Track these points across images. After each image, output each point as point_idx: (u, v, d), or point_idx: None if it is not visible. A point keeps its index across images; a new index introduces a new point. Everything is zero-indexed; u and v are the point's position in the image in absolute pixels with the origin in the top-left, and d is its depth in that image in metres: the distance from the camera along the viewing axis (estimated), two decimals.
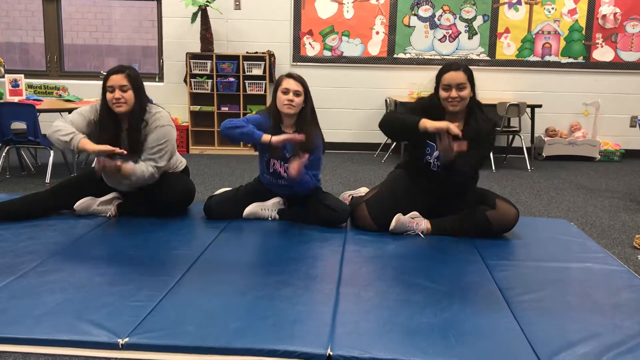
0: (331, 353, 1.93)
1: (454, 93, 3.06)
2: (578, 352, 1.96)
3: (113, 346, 1.96)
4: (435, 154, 3.18)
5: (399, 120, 3.17)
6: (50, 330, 2.03)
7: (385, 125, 3.24)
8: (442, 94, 3.10)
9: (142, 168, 3.22)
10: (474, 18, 6.44)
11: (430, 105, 3.19)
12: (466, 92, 3.08)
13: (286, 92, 3.24)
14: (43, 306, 2.21)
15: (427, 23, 6.47)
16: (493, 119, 3.28)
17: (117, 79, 3.16)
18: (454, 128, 2.91)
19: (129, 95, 3.18)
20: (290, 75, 3.30)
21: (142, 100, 3.25)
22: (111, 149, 3.10)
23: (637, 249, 3.24)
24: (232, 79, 6.33)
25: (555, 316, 2.24)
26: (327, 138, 3.47)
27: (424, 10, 6.44)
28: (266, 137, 3.19)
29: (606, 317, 2.25)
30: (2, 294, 2.32)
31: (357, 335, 2.05)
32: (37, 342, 1.98)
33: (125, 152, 3.16)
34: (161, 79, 6.71)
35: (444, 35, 6.50)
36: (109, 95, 3.17)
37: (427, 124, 2.97)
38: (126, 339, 1.98)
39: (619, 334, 2.10)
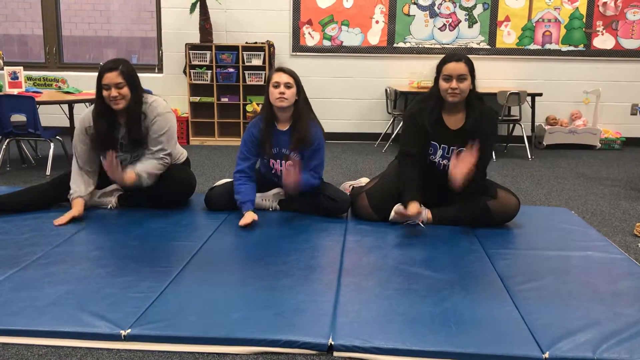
0: (332, 342, 1.94)
1: (454, 84, 3.05)
2: (579, 340, 1.96)
3: (115, 337, 1.97)
4: (440, 152, 3.18)
5: (402, 182, 3.17)
6: (52, 322, 2.04)
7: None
8: (442, 84, 3.09)
9: (152, 166, 3.24)
10: (474, 6, 6.41)
11: (431, 97, 3.19)
12: (466, 84, 3.07)
13: (277, 85, 3.21)
14: (45, 298, 2.22)
15: (427, 12, 6.44)
16: (494, 111, 3.26)
17: (112, 77, 3.14)
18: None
19: (125, 91, 3.17)
20: (280, 69, 3.28)
21: (138, 94, 3.24)
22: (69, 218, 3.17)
23: (637, 237, 3.25)
24: (231, 70, 6.31)
25: (556, 304, 2.25)
26: (327, 128, 3.46)
27: None
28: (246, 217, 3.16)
29: (607, 305, 2.26)
30: (4, 286, 2.33)
31: (359, 324, 2.06)
32: (40, 334, 1.99)
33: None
34: (160, 70, 6.69)
35: (444, 24, 6.47)
36: (105, 93, 3.16)
37: (408, 208, 3.04)
38: (128, 330, 1.98)
39: (620, 322, 2.11)
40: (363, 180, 3.80)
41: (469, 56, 3.17)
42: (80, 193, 3.26)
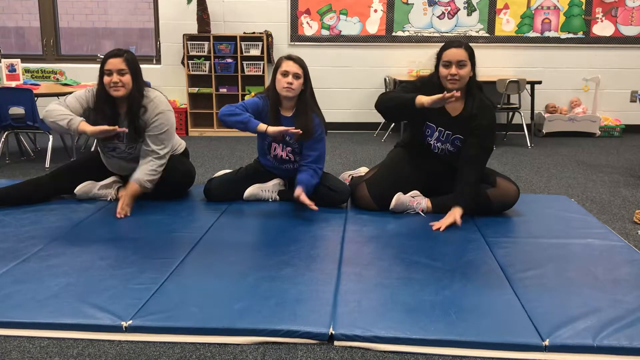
0: (333, 332, 1.94)
1: (453, 70, 3.03)
2: (578, 328, 1.97)
3: (117, 329, 1.98)
4: (436, 134, 3.17)
5: (395, 99, 3.14)
6: (54, 314, 2.05)
7: (381, 105, 3.21)
8: (442, 71, 3.08)
9: (151, 168, 3.24)
10: None
11: (430, 84, 3.17)
12: (466, 70, 3.05)
13: (285, 74, 3.19)
14: (46, 290, 2.22)
15: (426, 0, 6.41)
16: (492, 104, 3.25)
17: (115, 63, 3.13)
18: (449, 95, 2.90)
19: (127, 79, 3.15)
20: (289, 57, 3.25)
21: (139, 85, 3.23)
22: (110, 128, 3.07)
23: (637, 224, 3.25)
24: (229, 60, 6.29)
25: (556, 292, 2.25)
26: (327, 118, 3.44)
27: None
28: (262, 127, 3.12)
29: (607, 292, 2.26)
30: (5, 278, 2.33)
31: (359, 314, 2.06)
32: (41, 326, 2.00)
33: (125, 130, 3.17)
34: (158, 61, 6.67)
35: (443, 12, 6.44)
36: (106, 79, 3.15)
37: (423, 99, 2.97)
38: (130, 322, 1.99)
39: (620, 309, 2.11)
40: (362, 170, 3.80)
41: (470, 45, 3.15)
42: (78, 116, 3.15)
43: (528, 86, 6.02)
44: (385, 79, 6.44)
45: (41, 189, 3.39)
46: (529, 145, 5.82)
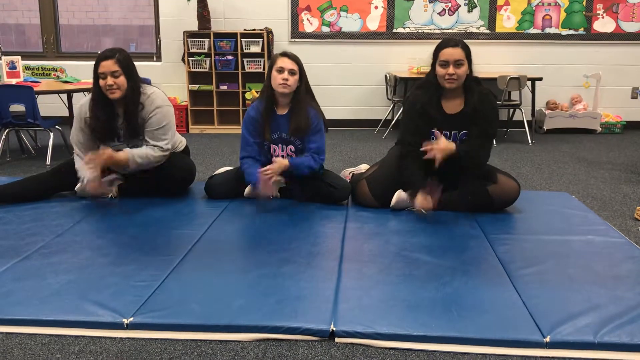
0: (334, 329, 1.94)
1: (451, 70, 3.03)
2: (579, 324, 1.97)
3: (118, 326, 1.98)
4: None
5: (405, 175, 3.17)
6: (55, 311, 2.05)
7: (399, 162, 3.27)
8: (439, 70, 3.08)
9: (147, 152, 3.23)
10: None
11: (427, 84, 3.17)
12: (463, 69, 3.05)
13: (281, 70, 3.20)
14: (48, 288, 2.23)
15: None
16: (492, 94, 3.25)
17: (108, 65, 3.13)
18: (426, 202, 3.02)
19: (121, 80, 3.15)
20: (284, 54, 3.26)
21: (135, 83, 3.22)
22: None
23: (638, 221, 3.25)
24: (230, 57, 6.29)
25: (557, 289, 2.25)
26: (327, 115, 3.43)
27: None
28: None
29: (607, 288, 2.26)
30: (6, 276, 2.33)
31: (360, 310, 2.06)
32: (43, 323, 2.00)
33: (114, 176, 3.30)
34: (159, 59, 6.67)
35: (443, 9, 6.43)
36: (101, 82, 3.15)
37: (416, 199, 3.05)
38: (131, 319, 1.99)
39: (620, 305, 2.11)
40: (363, 167, 3.80)
41: (468, 41, 3.15)
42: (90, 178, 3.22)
43: (529, 83, 6.01)
44: (385, 76, 6.43)
45: (42, 186, 3.40)
46: (529, 141, 5.82)
